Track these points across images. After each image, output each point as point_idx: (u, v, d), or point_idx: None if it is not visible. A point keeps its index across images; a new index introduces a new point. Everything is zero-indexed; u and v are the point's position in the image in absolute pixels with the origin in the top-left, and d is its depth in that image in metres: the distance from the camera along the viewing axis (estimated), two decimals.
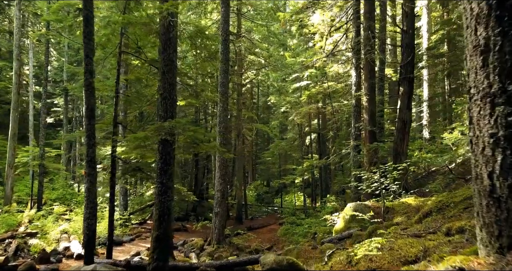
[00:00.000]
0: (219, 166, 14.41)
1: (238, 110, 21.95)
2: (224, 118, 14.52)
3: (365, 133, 12.87)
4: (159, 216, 6.75)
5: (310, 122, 26.68)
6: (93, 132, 8.26)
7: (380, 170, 8.17)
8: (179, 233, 17.44)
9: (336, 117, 19.94)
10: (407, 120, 12.37)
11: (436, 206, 5.64)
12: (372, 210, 8.46)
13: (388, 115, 20.54)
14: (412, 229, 4.73)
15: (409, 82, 12.31)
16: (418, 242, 3.56)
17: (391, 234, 4.80)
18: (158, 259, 6.55)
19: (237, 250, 14.57)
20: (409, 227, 5.09)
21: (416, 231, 4.49)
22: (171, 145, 6.83)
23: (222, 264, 8.24)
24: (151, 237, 6.82)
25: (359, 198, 12.46)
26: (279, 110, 30.27)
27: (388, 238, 4.46)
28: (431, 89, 24.01)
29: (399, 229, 5.23)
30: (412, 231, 4.61)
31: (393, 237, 4.60)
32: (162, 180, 6.86)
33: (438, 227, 4.31)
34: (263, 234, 18.79)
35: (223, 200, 14.43)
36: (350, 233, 7.85)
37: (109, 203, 9.36)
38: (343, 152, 13.85)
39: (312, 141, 27.95)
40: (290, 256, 7.28)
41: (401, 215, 7.69)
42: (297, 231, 16.81)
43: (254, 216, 25.97)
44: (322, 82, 21.05)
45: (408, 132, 12.56)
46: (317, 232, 15.45)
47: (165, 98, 7.02)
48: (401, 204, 8.44)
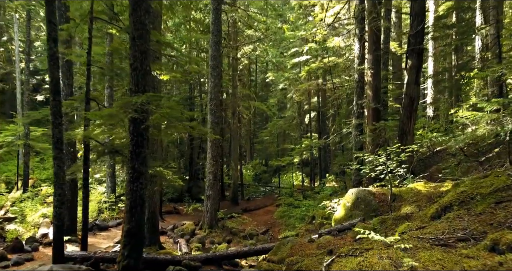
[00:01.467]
0: (210, 147, 13.43)
1: (233, 87, 20.79)
2: (216, 95, 13.42)
3: (368, 111, 11.81)
4: (131, 207, 5.80)
5: (310, 100, 25.51)
6: (59, 110, 7.20)
7: (387, 151, 7.17)
8: (171, 216, 16.64)
9: (337, 94, 18.80)
10: (415, 97, 11.28)
11: (457, 198, 4.66)
12: (376, 197, 7.53)
13: (391, 92, 19.40)
14: (433, 230, 3.76)
15: (418, 54, 11.15)
16: (450, 258, 2.60)
17: (406, 236, 3.83)
18: (129, 257, 5.64)
19: (230, 235, 13.80)
20: (426, 226, 4.12)
21: (439, 235, 3.52)
22: (143, 124, 5.80)
23: (208, 257, 7.37)
24: (122, 230, 5.90)
25: (360, 182, 11.54)
26: (277, 88, 29.04)
27: (403, 241, 3.50)
28: (437, 65, 22.75)
29: (414, 227, 4.26)
30: (433, 233, 3.64)
31: (410, 240, 3.64)
32: (134, 164, 5.87)
33: (469, 232, 3.33)
34: (259, 216, 18.03)
35: (216, 182, 13.54)
36: (352, 223, 6.93)
37: (82, 189, 8.41)
38: (344, 131, 12.84)
39: (311, 119, 26.88)
40: (282, 252, 6.39)
41: (410, 204, 6.74)
42: (294, 213, 16.02)
43: (251, 197, 25.23)
44: (322, 57, 19.79)
45: (415, 110, 11.50)
46: (315, 216, 14.67)
47: (135, 69, 5.93)
48: (409, 191, 7.48)
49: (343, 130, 12.98)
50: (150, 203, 10.49)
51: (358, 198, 7.60)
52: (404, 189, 7.68)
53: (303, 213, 15.63)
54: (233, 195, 20.78)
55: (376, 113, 11.67)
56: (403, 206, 6.78)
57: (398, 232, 4.21)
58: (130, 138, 5.92)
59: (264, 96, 39.55)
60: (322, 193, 16.60)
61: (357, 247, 4.62)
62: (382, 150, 7.39)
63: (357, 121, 11.87)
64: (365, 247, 4.58)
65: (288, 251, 6.27)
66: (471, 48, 22.60)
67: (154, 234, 10.59)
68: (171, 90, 25.26)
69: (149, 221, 10.48)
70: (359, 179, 11.55)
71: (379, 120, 11.87)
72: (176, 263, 7.31)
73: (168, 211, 17.14)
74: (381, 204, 7.32)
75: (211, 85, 13.46)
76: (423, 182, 7.91)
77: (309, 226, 14.45)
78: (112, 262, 7.36)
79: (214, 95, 13.40)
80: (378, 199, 7.44)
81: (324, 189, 16.72)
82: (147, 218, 10.48)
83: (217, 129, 13.42)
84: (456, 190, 4.86)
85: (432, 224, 4.14)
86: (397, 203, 7.11)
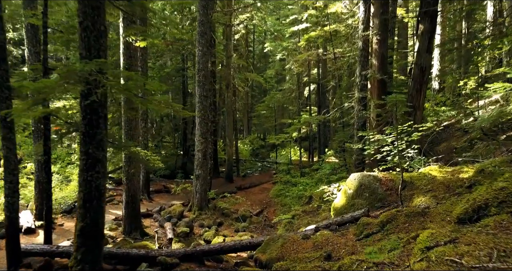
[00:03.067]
0: (199, 123, 12.27)
1: (227, 57, 19.35)
2: (204, 65, 12.11)
3: (373, 83, 10.57)
4: (85, 201, 4.73)
5: (309, 72, 24.10)
6: (5, 81, 6.00)
7: (397, 130, 6.03)
8: (160, 195, 15.70)
9: (338, 64, 17.43)
10: (426, 67, 10.04)
11: (495, 197, 3.56)
12: (382, 184, 6.45)
13: (396, 63, 18.03)
14: (473, 250, 2.67)
15: (432, 17, 9.80)
16: None
17: (433, 257, 2.75)
18: (83, 261, 4.63)
19: (222, 217, 12.89)
20: (459, 238, 3.02)
21: (486, 260, 2.43)
22: (99, 100, 4.63)
23: (187, 253, 6.38)
24: (75, 229, 4.86)
25: (362, 162, 10.47)
26: (275, 59, 27.49)
27: None
28: (444, 33, 21.18)
29: (441, 238, 3.17)
30: (476, 257, 2.55)
31: (442, 265, 2.57)
32: (87, 149, 4.75)
33: None
34: (254, 195, 17.13)
35: (205, 161, 12.48)
36: (354, 216, 5.88)
37: (44, 174, 7.33)
38: (346, 106, 11.64)
39: (311, 92, 25.57)
40: (271, 251, 5.37)
41: (424, 194, 5.66)
42: (290, 193, 15.10)
43: (247, 173, 24.31)
44: (322, 25, 18.24)
45: (426, 82, 10.30)
46: (312, 196, 13.73)
47: (86, 28, 4.69)
48: (422, 176, 6.40)
49: (345, 104, 11.78)
50: (129, 186, 9.48)
51: (361, 185, 6.53)
52: (416, 174, 6.60)
53: (300, 192, 14.70)
54: (227, 172, 19.82)
55: (382, 85, 10.44)
56: (416, 196, 5.71)
57: (420, 247, 3.13)
58: (82, 116, 4.76)
59: (262, 67, 37.97)
60: (320, 171, 15.61)
61: (363, 259, 3.58)
62: (392, 128, 6.25)
63: (360, 95, 10.66)
64: (373, 260, 3.52)
65: (278, 250, 5.25)
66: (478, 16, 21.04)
67: (135, 219, 9.64)
68: (160, 60, 23.71)
69: (129, 205, 9.51)
70: (361, 159, 10.47)
71: (385, 94, 10.64)
72: (151, 259, 6.34)
73: (157, 190, 16.19)
74: (389, 192, 6.26)
75: (199, 54, 12.13)
76: (437, 166, 6.82)
77: (306, 207, 13.54)
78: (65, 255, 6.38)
79: (203, 66, 12.10)
80: (385, 186, 6.37)
81: (323, 167, 15.72)
82: (126, 202, 9.51)
83: (206, 103, 12.21)
84: (493, 185, 3.74)
85: (466, 235, 3.05)
86: (408, 192, 6.04)
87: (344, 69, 18.28)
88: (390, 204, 6.00)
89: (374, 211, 6.03)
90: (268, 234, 11.72)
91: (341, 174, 13.95)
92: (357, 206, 6.39)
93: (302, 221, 11.61)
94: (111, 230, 9.70)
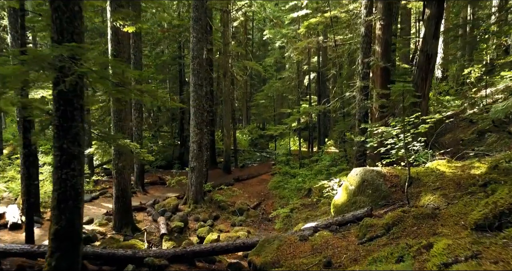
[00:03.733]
0: (194, 113, 11.77)
1: (224, 44, 18.72)
2: (199, 52, 11.56)
3: (376, 71, 10.04)
4: (59, 201, 4.28)
5: (309, 60, 23.49)
6: None
7: (403, 122, 5.55)
8: (155, 187, 15.28)
9: (339, 51, 16.85)
10: (433, 54, 9.49)
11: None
12: (387, 180, 6.00)
13: (398, 51, 17.41)
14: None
15: (439, 2, 9.22)
16: None
17: None
18: (58, 268, 4.20)
19: (218, 210, 12.49)
20: (482, 252, 2.57)
21: None
22: (70, 89, 4.13)
23: (176, 254, 5.96)
24: (49, 231, 4.43)
25: (363, 155, 10.01)
26: (274, 46, 26.80)
27: None
28: (448, 19, 20.51)
29: (459, 250, 2.72)
30: None
31: None
32: (62, 144, 4.27)
33: None
34: (252, 187, 16.73)
35: (200, 153, 12.03)
36: (356, 216, 5.44)
37: (24, 169, 6.88)
38: (347, 95, 11.11)
39: (310, 81, 24.96)
40: (266, 254, 4.94)
41: (432, 192, 5.21)
42: (289, 185, 14.69)
43: (245, 164, 23.89)
44: (323, 11, 17.58)
45: (432, 70, 9.77)
46: (312, 189, 13.32)
47: (57, 9, 4.17)
48: (429, 172, 5.94)
49: (346, 94, 11.23)
50: (119, 180, 9.03)
51: (364, 181, 6.08)
52: (423, 169, 6.13)
53: (299, 185, 14.29)
54: (225, 163, 19.39)
55: (386, 73, 9.91)
56: (424, 194, 5.26)
57: (435, 262, 2.67)
58: (55, 108, 4.27)
59: (261, 56, 37.23)
60: (320, 162, 15.17)
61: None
62: (397, 120, 5.76)
63: (362, 84, 10.12)
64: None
65: (274, 253, 4.82)
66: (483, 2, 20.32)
67: (126, 215, 9.22)
68: (164, 51, 23.06)
69: (119, 200, 9.07)
70: (362, 151, 10.00)
71: (389, 82, 10.13)
72: (138, 260, 5.92)
73: (152, 182, 15.77)
74: (393, 190, 5.81)
75: (193, 41, 11.57)
76: (445, 160, 6.35)
77: (305, 200, 13.14)
78: None
79: (197, 53, 11.55)
80: (389, 183, 5.91)
81: (323, 158, 15.28)
82: (116, 196, 9.08)
83: (201, 93, 11.69)
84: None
85: (491, 249, 2.60)
86: (415, 189, 5.58)
87: (344, 57, 17.68)
88: (395, 202, 5.55)
89: (378, 209, 5.59)
90: (266, 229, 11.37)
91: (342, 165, 13.51)
92: (359, 204, 5.95)
93: (301, 214, 11.21)
94: (101, 225, 9.29)
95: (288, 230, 10.34)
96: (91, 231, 8.73)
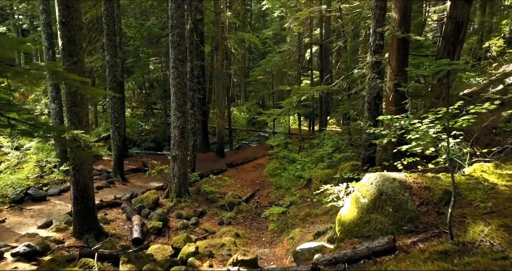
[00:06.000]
0: (174, 93, 10.04)
1: (215, 13, 16.68)
2: (179, 21, 9.69)
3: (392, 43, 8.21)
4: None
5: (311, 32, 21.37)
6: None
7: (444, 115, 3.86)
8: (137, 175, 13.71)
9: (344, 20, 14.86)
10: (463, 21, 7.64)
11: None
12: (415, 195, 4.35)
13: (412, 20, 15.35)
14: None
15: None
16: None
17: None
18: None
19: (205, 204, 10.99)
20: None
21: None
22: None
23: None
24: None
25: (374, 145, 8.34)
26: (272, 16, 24.60)
27: None
28: None
29: None
30: None
31: None
32: None
33: None
34: (247, 173, 15.21)
35: (183, 140, 10.39)
36: (373, 249, 3.84)
37: None
38: (356, 73, 9.33)
39: (312, 55, 22.95)
40: None
41: (483, 219, 3.58)
42: (287, 173, 13.10)
43: (242, 145, 22.33)
44: None
45: (462, 41, 7.94)
46: (312, 179, 11.77)
47: None
48: (473, 183, 4.30)
49: (354, 71, 9.46)
50: (77, 177, 7.44)
51: (381, 194, 4.45)
52: (463, 178, 4.48)
53: (298, 173, 12.71)
54: (218, 146, 17.79)
55: (403, 46, 8.08)
56: (471, 221, 3.64)
57: None
58: None
59: (260, 28, 34.97)
60: (322, 148, 13.53)
61: None
62: (432, 112, 4.07)
63: (374, 58, 8.31)
64: None
65: None
66: None
67: (88, 218, 7.68)
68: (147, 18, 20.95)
69: (78, 201, 7.52)
70: (369, 145, 8.33)
71: (407, 57, 8.33)
72: None
73: (135, 169, 14.18)
74: (424, 209, 4.18)
75: (172, 7, 9.69)
76: (491, 164, 4.68)
77: (304, 192, 11.58)
78: None
79: (177, 22, 9.69)
80: (418, 198, 4.27)
81: (325, 143, 13.63)
82: (75, 197, 7.52)
83: (183, 69, 9.90)
84: None
85: None
86: (455, 210, 3.94)
87: (349, 28, 15.62)
88: (427, 229, 3.95)
89: (402, 237, 4.00)
90: (259, 228, 9.86)
91: (346, 152, 11.89)
92: (374, 225, 4.37)
93: (299, 211, 9.70)
94: (59, 231, 7.76)
95: (283, 233, 8.87)
96: (45, 238, 7.22)
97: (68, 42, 6.95)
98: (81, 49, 7.21)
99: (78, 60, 7.09)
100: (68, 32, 6.93)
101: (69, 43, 6.97)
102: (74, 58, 7.03)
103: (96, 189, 11.55)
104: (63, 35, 6.93)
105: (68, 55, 6.98)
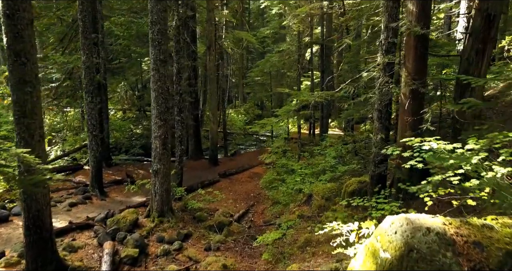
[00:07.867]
0: (155, 98, 8.76)
1: (208, 10, 15.39)
2: (160, 16, 8.41)
3: (408, 40, 6.92)
4: None
5: (312, 31, 20.06)
6: None
7: None
8: (119, 188, 12.36)
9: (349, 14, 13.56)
10: (495, 14, 6.35)
11: None
12: (460, 254, 3.05)
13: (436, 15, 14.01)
14: None
15: None
16: None
17: None
18: None
19: (192, 223, 9.69)
20: None
21: None
22: None
23: None
24: None
25: (384, 161, 7.07)
26: (270, 13, 23.30)
27: None
28: None
29: None
30: None
31: None
32: None
33: None
34: (241, 184, 13.91)
35: (165, 152, 9.10)
36: None
37: None
38: (364, 76, 8.05)
39: (313, 54, 21.66)
40: None
41: None
42: (285, 187, 11.78)
43: (238, 150, 21.00)
44: None
45: (494, 39, 6.66)
46: (313, 195, 10.50)
47: None
48: None
49: (363, 74, 8.19)
50: (29, 202, 6.15)
51: (411, 250, 3.15)
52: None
53: (297, 186, 11.40)
54: (211, 153, 16.49)
55: (422, 44, 6.79)
56: None
57: None
58: None
59: (259, 26, 33.64)
60: (323, 158, 12.23)
61: None
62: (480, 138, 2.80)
63: (386, 59, 7.01)
64: None
65: None
66: None
67: (44, 250, 6.40)
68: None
69: (31, 232, 6.23)
70: (381, 162, 7.04)
71: (426, 57, 7.05)
72: None
73: (117, 181, 12.89)
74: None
75: (152, 1, 8.41)
76: None
77: (305, 209, 10.27)
78: None
79: (157, 17, 8.41)
80: (466, 261, 2.97)
81: (327, 152, 12.32)
82: (27, 226, 6.23)
83: (164, 71, 8.63)
84: None
85: None
86: None
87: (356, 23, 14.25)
88: None
89: None
90: (251, 255, 8.56)
91: (351, 165, 10.60)
92: None
93: (298, 235, 8.40)
94: (8, 266, 6.48)
95: (278, 265, 7.57)
96: None
97: (14, 39, 5.68)
98: (32, 47, 5.92)
99: (27, 61, 5.81)
100: (14, 27, 5.65)
101: (16, 40, 5.69)
102: (23, 58, 5.75)
103: (69, 206, 10.32)
104: (8, 31, 5.66)
105: (14, 54, 5.70)
